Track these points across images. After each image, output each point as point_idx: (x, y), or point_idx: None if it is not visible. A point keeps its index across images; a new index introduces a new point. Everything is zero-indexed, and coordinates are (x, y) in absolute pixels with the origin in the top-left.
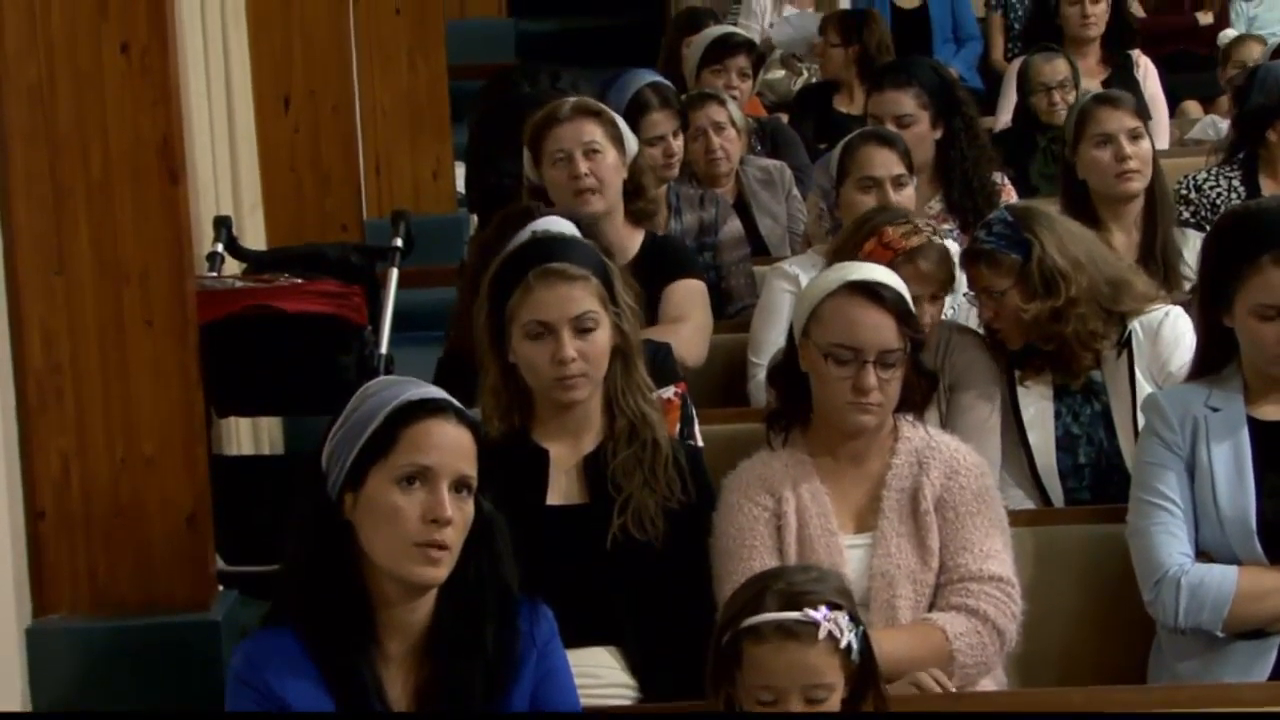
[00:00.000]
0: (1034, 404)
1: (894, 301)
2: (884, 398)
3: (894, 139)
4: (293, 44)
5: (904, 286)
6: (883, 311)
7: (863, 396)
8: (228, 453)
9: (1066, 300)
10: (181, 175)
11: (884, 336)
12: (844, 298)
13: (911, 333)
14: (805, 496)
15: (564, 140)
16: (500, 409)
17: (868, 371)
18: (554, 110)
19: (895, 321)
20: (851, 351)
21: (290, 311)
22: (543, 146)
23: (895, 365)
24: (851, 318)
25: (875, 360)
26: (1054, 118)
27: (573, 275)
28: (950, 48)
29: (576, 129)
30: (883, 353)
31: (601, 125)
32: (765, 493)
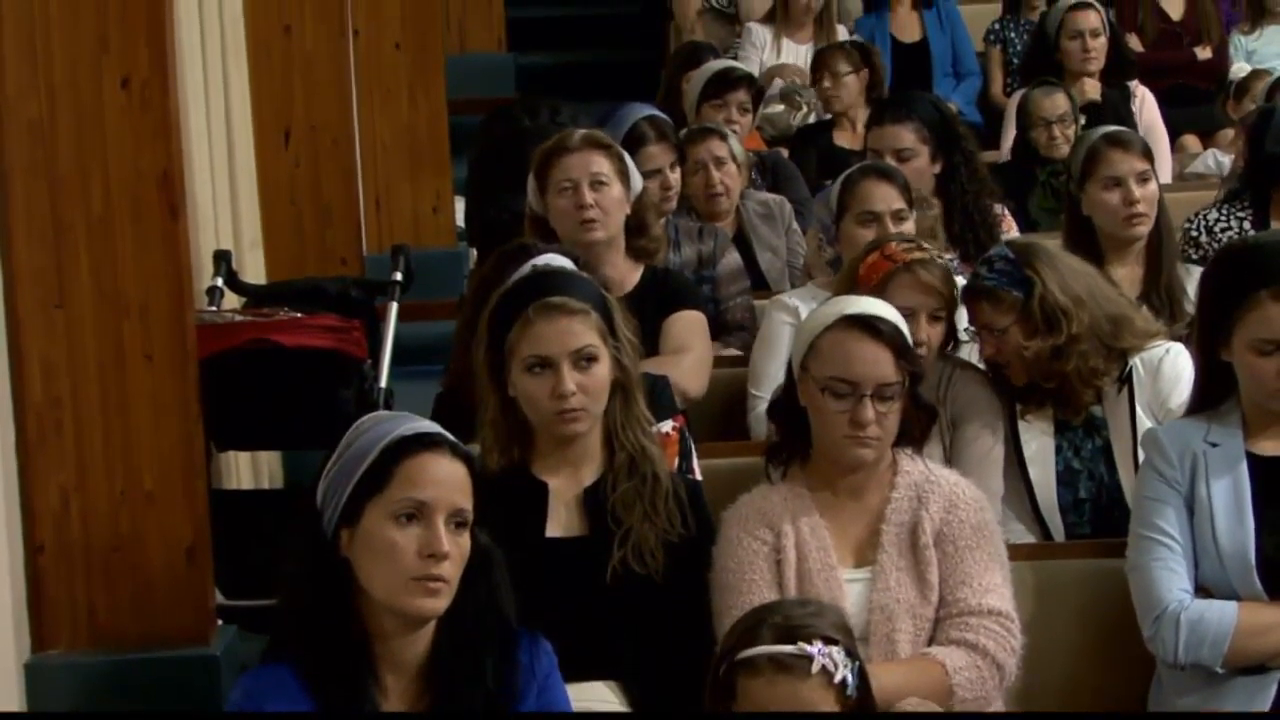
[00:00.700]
0: (1035, 439)
1: (891, 335)
2: (882, 431)
3: (893, 173)
4: (293, 78)
5: (902, 320)
6: (880, 345)
7: (860, 430)
8: (227, 487)
9: (1068, 338)
10: (181, 209)
11: (881, 370)
12: (841, 331)
13: (909, 366)
14: (804, 530)
15: (571, 170)
16: (500, 442)
17: (865, 405)
18: (563, 140)
19: (892, 355)
20: (849, 385)
21: (290, 346)
22: (550, 175)
23: (893, 398)
24: (848, 351)
25: (872, 394)
26: (1054, 152)
27: (572, 309)
28: (950, 82)
29: (584, 160)
30: (880, 386)
31: (609, 159)
32: (764, 527)
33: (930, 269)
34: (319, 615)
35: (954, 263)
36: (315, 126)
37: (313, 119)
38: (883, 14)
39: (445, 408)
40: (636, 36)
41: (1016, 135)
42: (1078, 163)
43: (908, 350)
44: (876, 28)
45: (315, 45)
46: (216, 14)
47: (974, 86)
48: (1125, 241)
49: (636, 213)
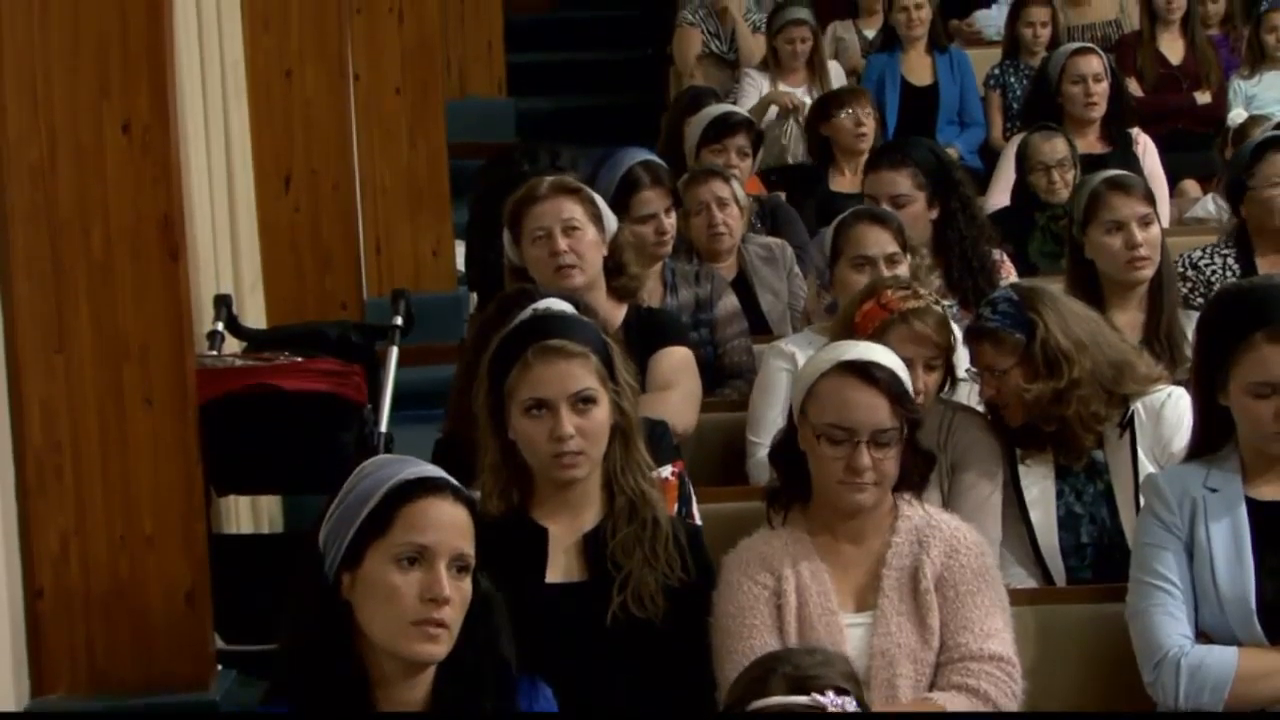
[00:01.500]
0: (1036, 483)
1: (887, 381)
2: (879, 476)
3: (887, 217)
4: (293, 123)
5: (901, 366)
6: (875, 392)
7: (857, 476)
8: (227, 531)
9: (1069, 382)
10: (182, 253)
11: (877, 416)
12: (837, 378)
13: (907, 412)
14: (805, 575)
15: (543, 218)
16: (500, 487)
17: (861, 451)
18: (532, 189)
19: (888, 401)
20: (845, 431)
21: (290, 390)
22: (522, 225)
23: (890, 444)
24: (844, 398)
25: (869, 440)
26: (1053, 196)
27: (571, 352)
28: (954, 129)
29: (555, 206)
30: (876, 432)
31: (580, 203)
32: (765, 571)
33: (925, 318)
34: (319, 658)
35: (953, 309)
36: (315, 170)
37: (313, 163)
38: (895, 54)
39: (445, 452)
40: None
41: (1016, 179)
42: (1080, 207)
43: (904, 396)
44: (888, 67)
45: (316, 90)
46: (217, 58)
47: (978, 137)
48: (1127, 285)
49: (613, 253)
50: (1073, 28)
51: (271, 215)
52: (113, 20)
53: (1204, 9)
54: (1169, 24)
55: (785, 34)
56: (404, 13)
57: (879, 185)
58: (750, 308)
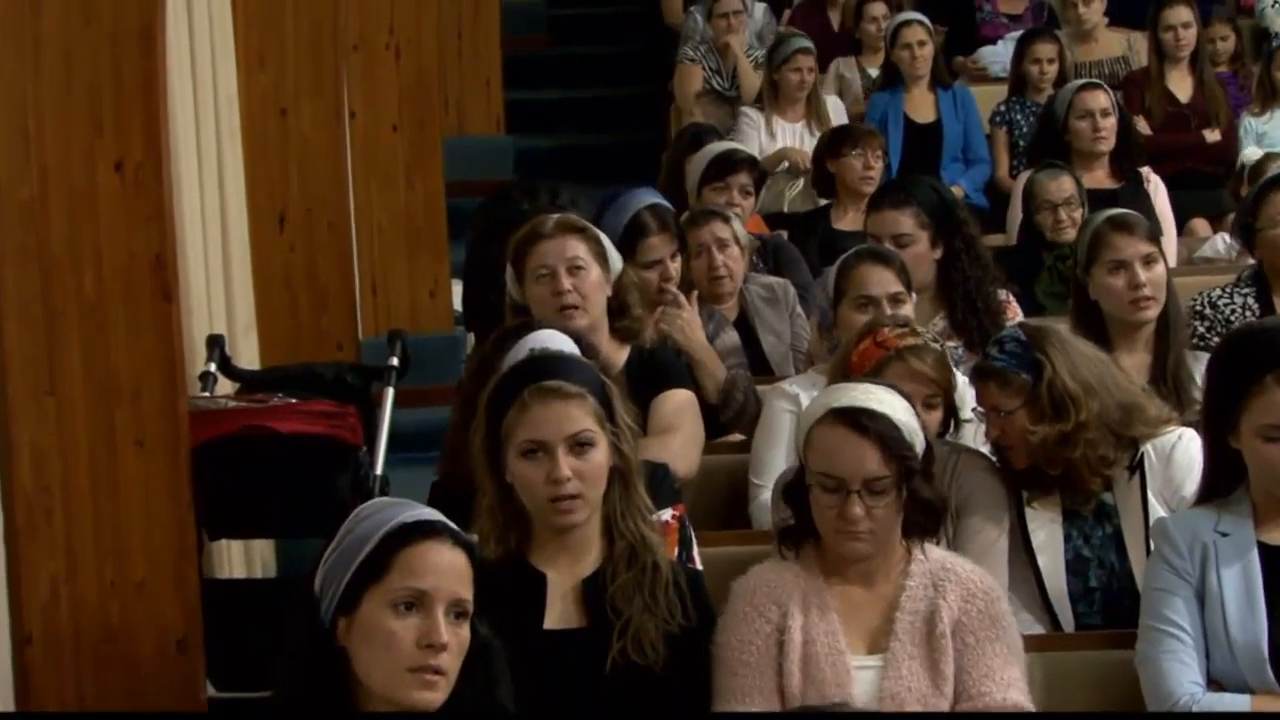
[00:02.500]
0: (1043, 527)
1: (879, 429)
2: (875, 525)
3: (890, 257)
4: (289, 161)
5: (903, 407)
6: (864, 439)
7: (850, 525)
8: (219, 576)
9: (1076, 425)
10: (175, 293)
11: (867, 466)
12: (827, 426)
13: (904, 458)
14: (814, 612)
15: (547, 256)
16: (497, 531)
17: (852, 501)
18: (537, 226)
19: (879, 449)
20: (835, 480)
21: (284, 432)
22: (525, 263)
23: (884, 492)
24: (832, 447)
25: (861, 489)
26: (1060, 235)
27: (569, 393)
28: (958, 167)
29: (560, 245)
30: (868, 481)
31: (585, 241)
32: (772, 603)
33: (922, 355)
34: (315, 706)
35: (958, 351)
36: (311, 209)
37: (308, 202)
38: (898, 91)
39: (442, 495)
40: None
41: (1023, 219)
42: (1083, 246)
43: (899, 442)
44: (890, 105)
45: (311, 128)
46: (211, 96)
47: (983, 175)
48: (1133, 326)
49: (617, 293)
50: (1080, 65)
51: (266, 255)
52: (105, 58)
53: (1213, 47)
54: (1177, 61)
55: (792, 63)
56: (401, 50)
57: (881, 225)
58: (752, 349)
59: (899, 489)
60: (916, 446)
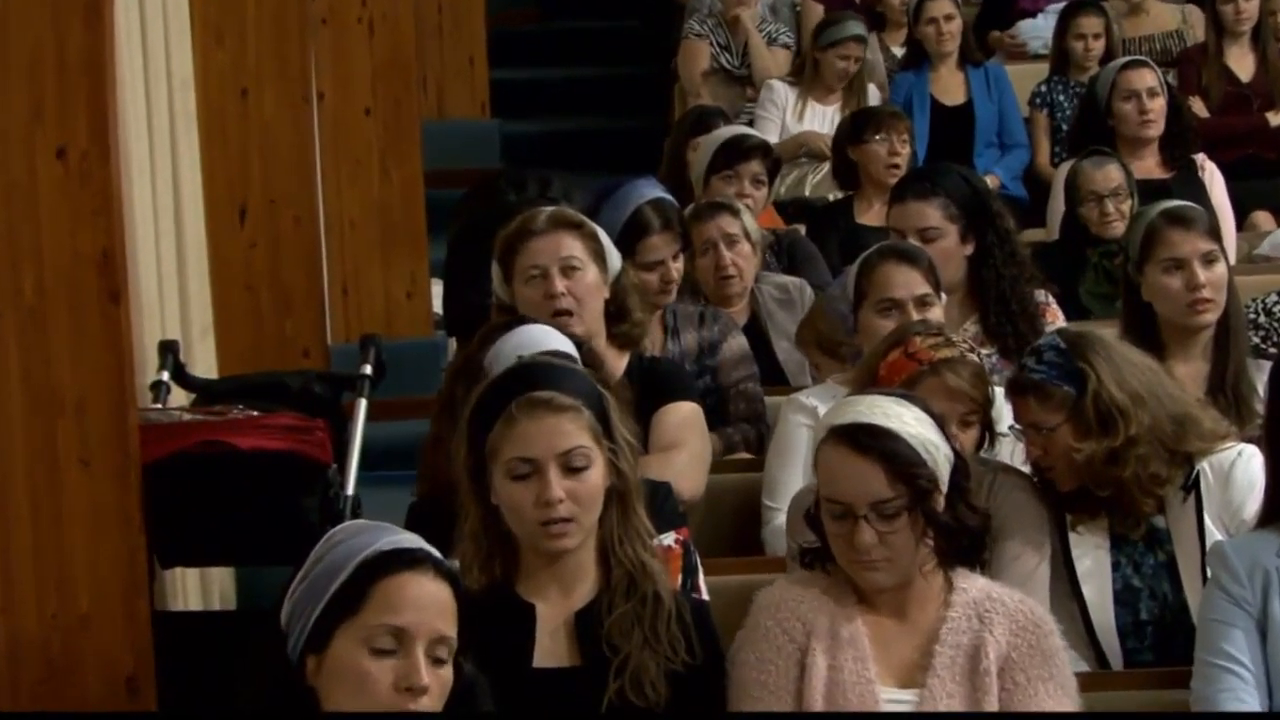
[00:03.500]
0: (1089, 553)
1: (882, 447)
2: (891, 552)
3: (916, 254)
4: (250, 148)
5: (908, 422)
6: (866, 460)
7: (862, 554)
8: (173, 608)
9: (1125, 440)
10: (124, 295)
11: (871, 488)
12: (830, 446)
13: (913, 476)
14: (842, 636)
15: (539, 255)
16: (481, 558)
17: (861, 528)
18: (528, 222)
19: (885, 470)
20: (841, 506)
21: (245, 448)
22: (515, 261)
23: (895, 516)
24: (834, 469)
25: (869, 513)
26: (1106, 230)
27: (560, 405)
28: (993, 153)
29: (553, 243)
30: (875, 504)
31: (581, 239)
32: (796, 620)
33: (959, 370)
34: None
35: (992, 359)
36: (275, 202)
37: (272, 193)
38: (923, 72)
39: (420, 518)
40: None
41: (1065, 212)
42: (1135, 242)
43: (907, 460)
44: (915, 87)
45: (275, 111)
46: (164, 77)
47: (1020, 160)
48: (1189, 331)
49: (616, 297)
50: (1128, 40)
51: (225, 252)
52: (46, 33)
53: (1275, 20)
54: (1238, 36)
55: (841, 49)
56: (374, 24)
57: (905, 218)
58: (764, 356)
59: (914, 510)
60: (933, 463)
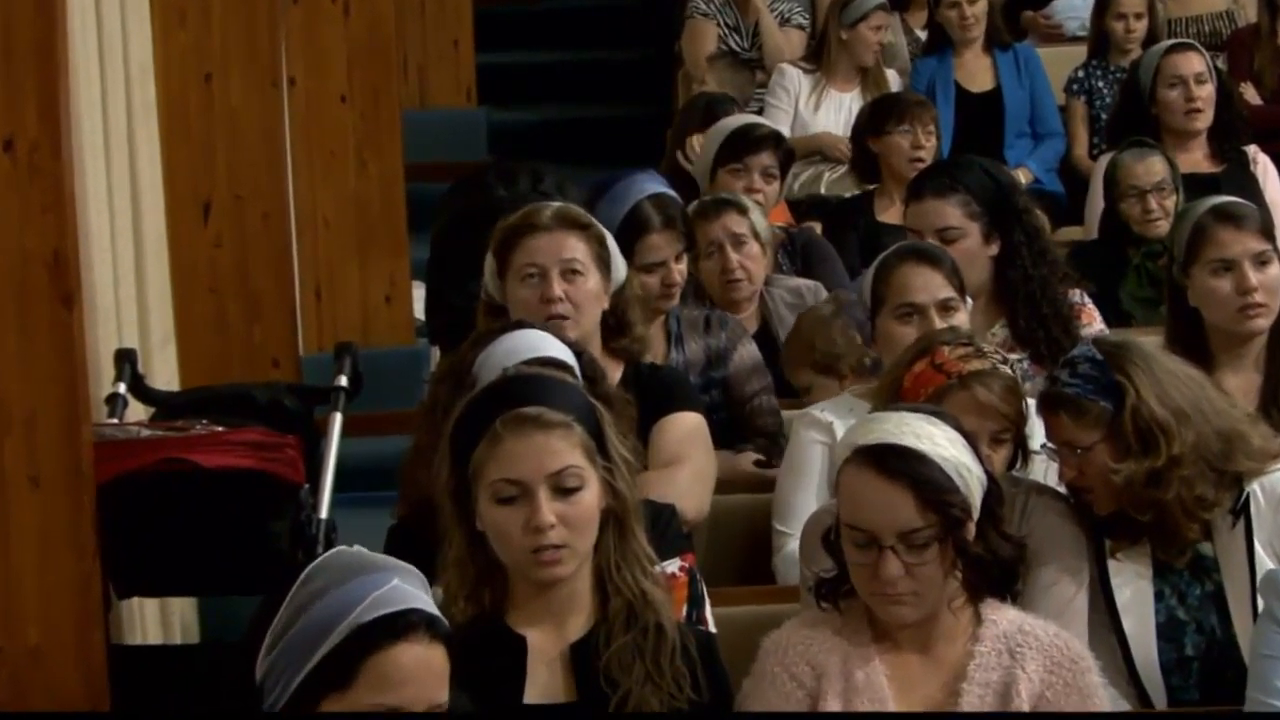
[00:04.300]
0: (1129, 583)
1: (913, 472)
2: (918, 585)
3: (938, 255)
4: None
5: (939, 443)
6: (894, 485)
7: (888, 587)
8: (130, 642)
9: (1167, 460)
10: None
11: (899, 516)
12: (854, 468)
13: (945, 504)
14: (856, 679)
15: (539, 254)
16: (467, 587)
17: (887, 559)
18: (531, 216)
19: (914, 495)
20: (865, 534)
21: (208, 467)
22: (512, 258)
23: (924, 546)
24: (857, 495)
25: (896, 544)
26: (1148, 229)
27: (549, 422)
28: (1025, 144)
29: (556, 242)
30: (903, 534)
31: (586, 241)
32: (806, 664)
33: (990, 383)
34: None
35: (1024, 364)
36: (241, 197)
37: (238, 188)
38: (946, 57)
39: (401, 543)
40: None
41: (1105, 208)
42: (1181, 242)
43: (939, 486)
44: (938, 73)
45: (242, 98)
46: (120, 62)
47: (1055, 150)
48: (1240, 339)
49: (616, 307)
50: (1174, 20)
51: (187, 252)
52: None
53: None
54: None
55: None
56: (350, 3)
57: (922, 217)
58: (775, 367)
59: (945, 541)
60: (965, 489)
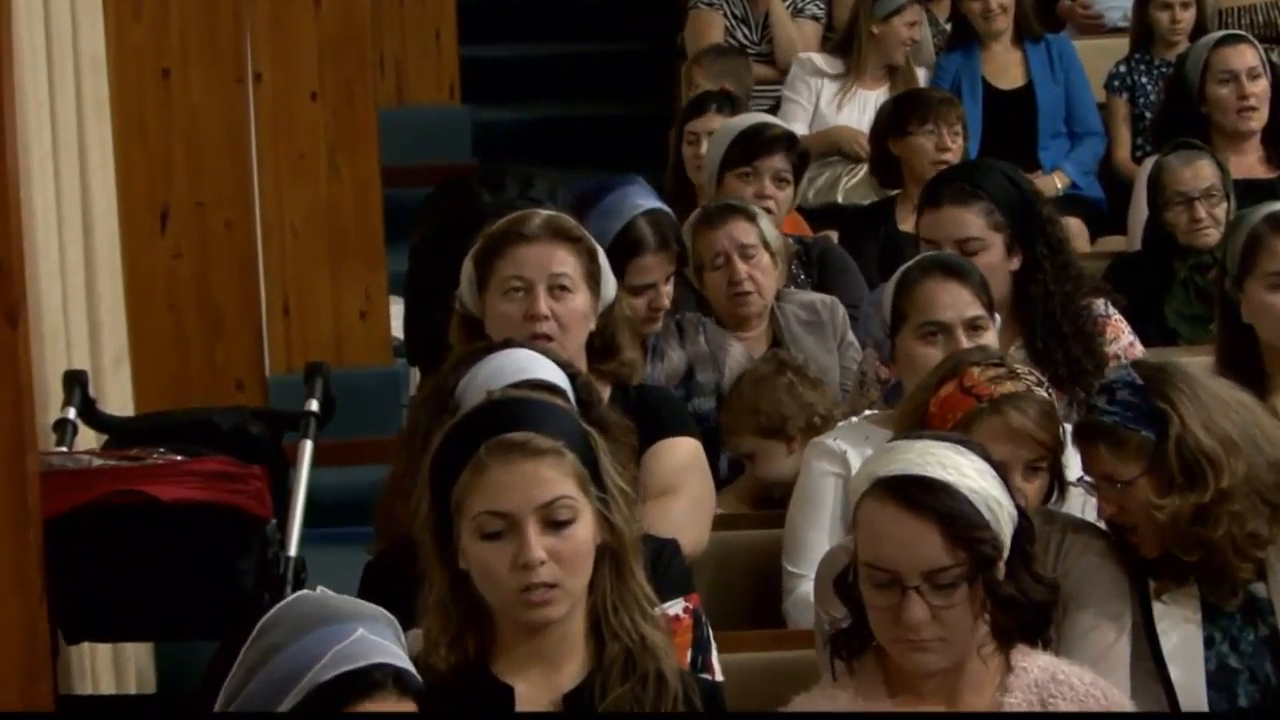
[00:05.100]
0: (1176, 627)
1: (941, 506)
2: (946, 631)
3: (966, 269)
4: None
5: (968, 474)
6: (919, 519)
7: (911, 633)
8: (80, 691)
9: (1215, 494)
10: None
11: (924, 554)
12: (874, 501)
13: (975, 540)
14: None
15: (525, 266)
16: (449, 633)
17: (911, 601)
18: (518, 224)
19: (942, 532)
20: (887, 574)
21: (166, 500)
22: (494, 268)
23: (952, 587)
24: (878, 530)
25: (921, 584)
26: (1196, 239)
27: (538, 449)
28: (1061, 144)
29: (545, 254)
30: (928, 574)
31: (577, 255)
32: None
33: (1025, 407)
34: None
35: None
36: (202, 204)
37: (199, 194)
38: (972, 51)
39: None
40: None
41: (1149, 217)
42: (1234, 254)
43: (969, 521)
44: (964, 69)
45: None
46: (70, 56)
47: (1094, 151)
48: None
49: (604, 330)
50: (1224, 10)
51: (143, 264)
52: None
53: None
54: None
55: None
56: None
57: (940, 227)
58: None
59: (975, 581)
60: (996, 525)
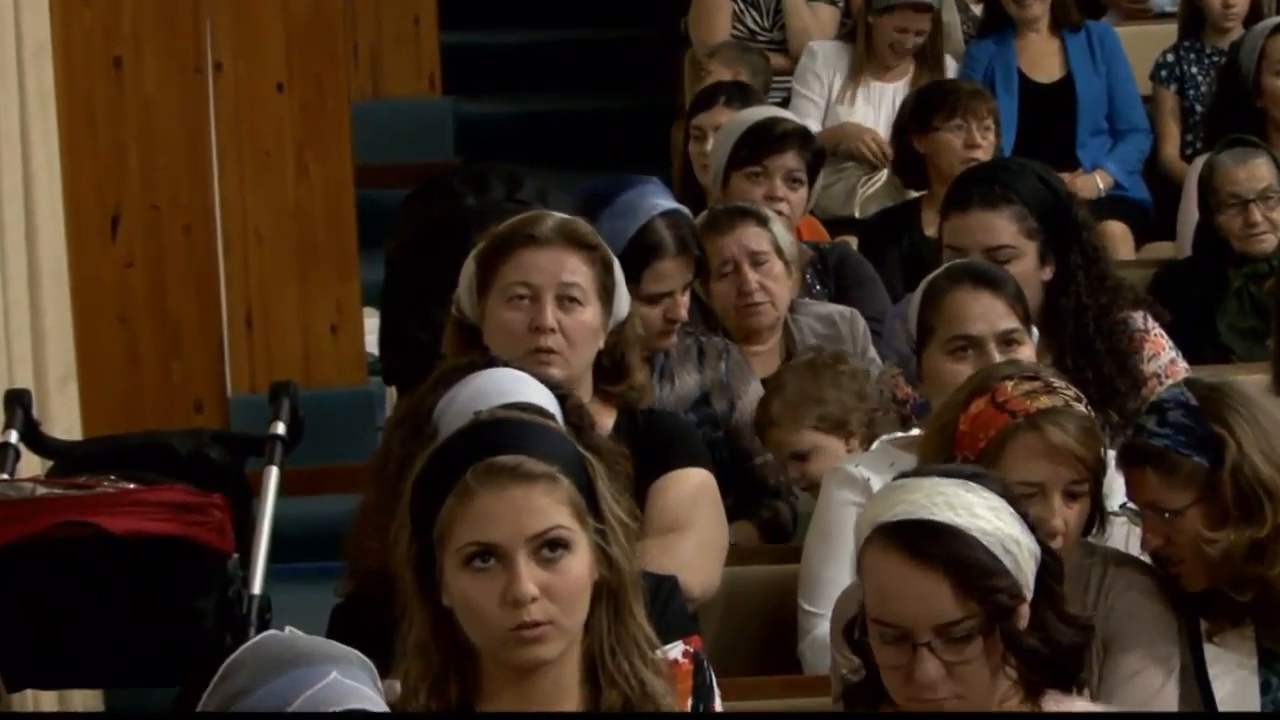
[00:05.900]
0: (1229, 672)
1: (949, 554)
2: (962, 687)
3: (999, 278)
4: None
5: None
6: (925, 570)
7: (925, 691)
8: None
9: (1274, 528)
10: None
11: (934, 607)
12: (877, 551)
13: (990, 589)
14: None
15: (534, 271)
16: (430, 677)
17: (923, 659)
18: (529, 225)
19: (950, 582)
20: (894, 629)
21: (118, 533)
22: (499, 271)
23: (967, 640)
24: (883, 583)
25: (932, 640)
26: (1252, 245)
27: (530, 474)
28: (1102, 141)
29: (555, 261)
30: (939, 628)
31: (590, 265)
32: None
33: (1065, 423)
34: None
35: None
36: (158, 207)
37: (154, 196)
38: (1006, 40)
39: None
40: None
41: (1200, 220)
42: None
43: (982, 569)
44: (998, 60)
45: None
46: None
47: (1139, 149)
48: None
49: (614, 349)
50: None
51: (92, 274)
52: None
53: None
54: None
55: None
56: None
57: (967, 233)
58: None
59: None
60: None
